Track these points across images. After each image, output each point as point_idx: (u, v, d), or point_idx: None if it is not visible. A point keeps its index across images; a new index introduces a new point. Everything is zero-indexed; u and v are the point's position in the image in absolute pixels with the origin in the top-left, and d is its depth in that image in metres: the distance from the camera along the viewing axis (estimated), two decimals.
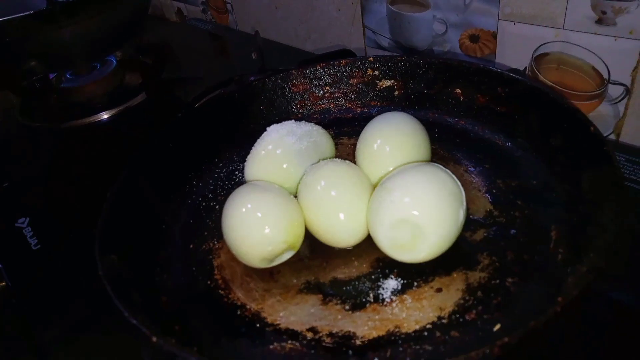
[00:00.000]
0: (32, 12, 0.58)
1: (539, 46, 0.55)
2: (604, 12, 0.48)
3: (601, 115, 0.54)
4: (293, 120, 0.41)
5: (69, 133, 0.68)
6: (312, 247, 0.36)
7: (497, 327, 0.27)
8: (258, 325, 0.31)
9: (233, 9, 0.95)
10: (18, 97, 0.76)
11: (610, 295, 0.34)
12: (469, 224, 0.35)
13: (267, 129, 0.40)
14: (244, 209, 0.34)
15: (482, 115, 0.43)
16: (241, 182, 0.43)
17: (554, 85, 0.55)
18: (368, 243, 0.35)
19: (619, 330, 0.32)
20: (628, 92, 0.50)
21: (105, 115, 0.69)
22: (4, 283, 0.44)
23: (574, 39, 0.52)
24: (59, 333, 0.40)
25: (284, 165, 0.38)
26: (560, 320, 0.27)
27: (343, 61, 0.47)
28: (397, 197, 0.30)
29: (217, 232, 0.38)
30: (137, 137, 0.63)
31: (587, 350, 0.31)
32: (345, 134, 0.46)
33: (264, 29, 0.86)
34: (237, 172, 0.45)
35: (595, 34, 0.50)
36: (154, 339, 0.24)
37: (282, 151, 0.38)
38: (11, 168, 0.64)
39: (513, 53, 0.58)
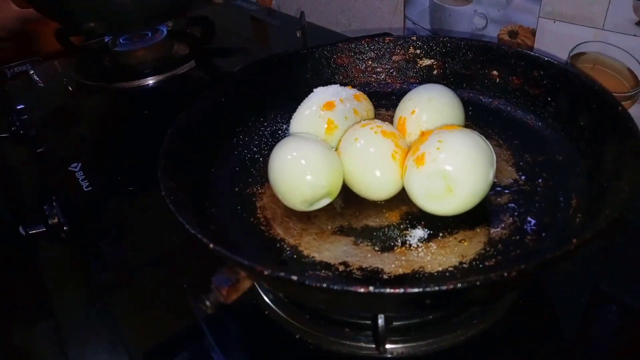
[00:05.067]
0: None
1: (577, 45, 0.57)
2: None
3: (634, 117, 0.55)
4: (338, 85, 0.44)
5: (118, 92, 0.73)
6: (347, 199, 0.39)
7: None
8: (295, 256, 0.34)
9: None
10: (74, 57, 0.81)
11: (623, 299, 0.36)
12: (496, 188, 0.37)
13: (314, 90, 0.44)
14: (289, 156, 0.37)
15: (516, 96, 0.45)
16: None
17: None
18: (399, 198, 0.38)
19: (631, 334, 0.35)
20: None
21: (151, 80, 0.73)
22: (56, 219, 0.48)
23: (612, 40, 0.53)
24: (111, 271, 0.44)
25: (327, 125, 0.41)
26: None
27: (387, 38, 0.50)
28: (436, 151, 0.33)
29: (260, 179, 0.42)
30: (179, 103, 0.67)
31: (599, 353, 0.33)
32: (383, 107, 0.49)
33: (306, 14, 0.90)
34: (279, 132, 0.48)
35: (634, 35, 0.51)
36: (211, 245, 0.28)
37: (326, 111, 0.42)
38: (65, 119, 0.69)
39: (550, 50, 0.60)
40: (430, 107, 0.40)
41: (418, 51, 0.50)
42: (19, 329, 0.46)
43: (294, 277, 0.25)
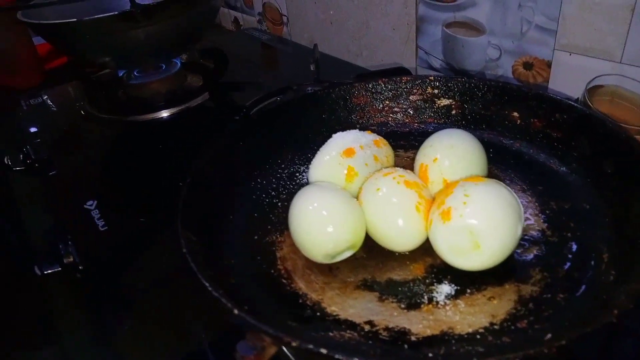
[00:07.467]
0: (116, 12, 0.63)
1: (594, 78, 0.56)
2: None
3: None
4: (357, 130, 0.44)
5: (132, 126, 0.73)
6: (369, 249, 0.38)
7: (549, 336, 0.29)
8: (319, 314, 0.33)
9: (289, 21, 0.99)
10: (88, 89, 0.82)
11: None
12: (522, 240, 0.36)
13: (333, 135, 0.43)
14: (310, 207, 0.37)
15: (538, 139, 0.45)
16: (302, 183, 0.46)
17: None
18: (423, 250, 0.37)
19: None
20: None
21: (165, 113, 0.73)
22: (71, 259, 0.48)
23: (630, 73, 0.52)
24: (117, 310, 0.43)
25: (346, 171, 0.41)
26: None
27: (404, 78, 0.50)
28: (462, 206, 0.32)
29: (279, 226, 0.41)
30: (193, 136, 0.67)
31: None
32: (401, 147, 0.49)
33: (317, 42, 0.90)
34: (297, 174, 0.48)
35: None
36: (236, 311, 0.27)
37: (346, 158, 0.41)
38: (78, 154, 0.69)
39: (566, 83, 0.59)
40: (452, 154, 0.39)
41: (436, 91, 0.49)
42: (24, 356, 0.45)
43: (324, 350, 0.25)
